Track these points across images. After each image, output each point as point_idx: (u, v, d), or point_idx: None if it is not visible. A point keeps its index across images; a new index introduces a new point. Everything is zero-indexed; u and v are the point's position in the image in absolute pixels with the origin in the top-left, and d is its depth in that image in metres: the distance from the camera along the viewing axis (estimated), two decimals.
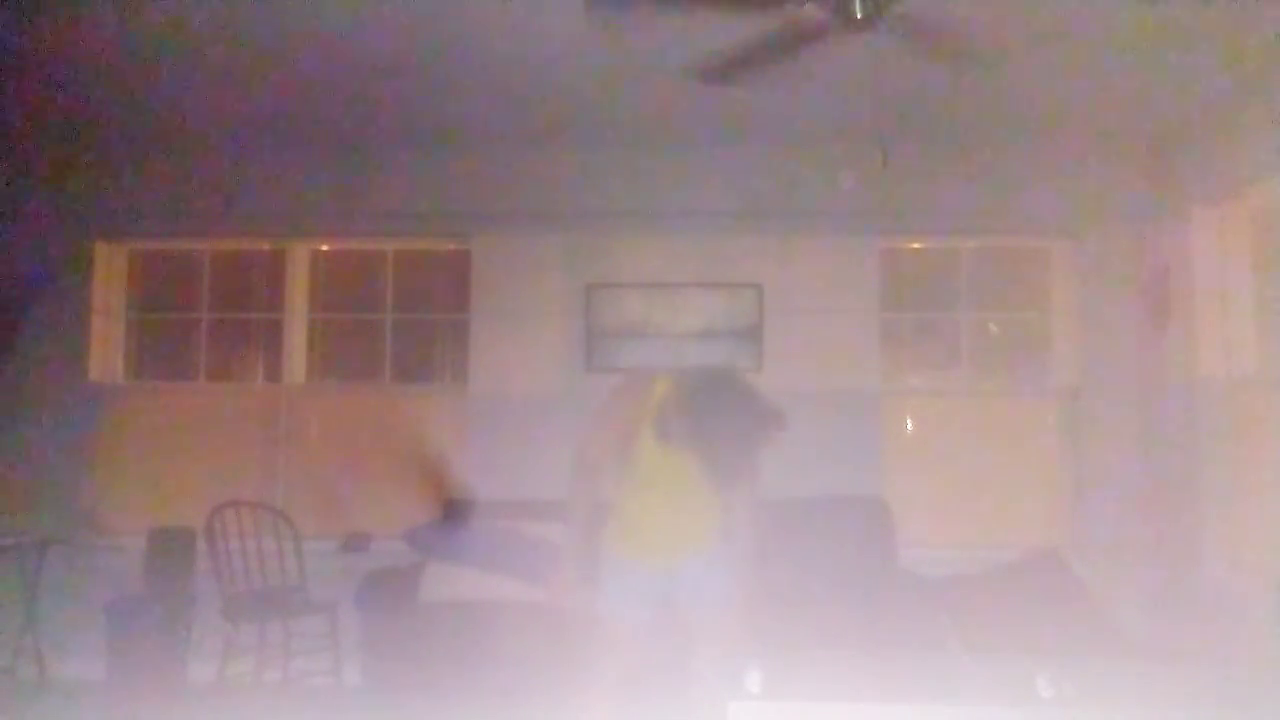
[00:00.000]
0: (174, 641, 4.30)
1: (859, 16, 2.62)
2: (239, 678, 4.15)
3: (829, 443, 4.62)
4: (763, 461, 2.84)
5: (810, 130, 4.53)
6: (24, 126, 4.52)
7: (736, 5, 2.77)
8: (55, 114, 4.38)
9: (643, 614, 2.86)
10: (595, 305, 4.85)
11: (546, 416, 4.71)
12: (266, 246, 5.16)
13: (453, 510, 4.51)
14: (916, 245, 5.09)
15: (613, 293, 4.84)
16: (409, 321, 5.15)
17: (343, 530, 4.81)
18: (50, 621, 4.48)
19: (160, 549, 4.53)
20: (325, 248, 5.19)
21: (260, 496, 4.65)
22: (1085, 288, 4.80)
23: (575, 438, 2.93)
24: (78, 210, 4.89)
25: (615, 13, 3.11)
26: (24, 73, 3.87)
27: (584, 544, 2.90)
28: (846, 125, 4.44)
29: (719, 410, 2.65)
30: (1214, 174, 4.15)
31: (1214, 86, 3.89)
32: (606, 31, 3.39)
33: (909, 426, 4.93)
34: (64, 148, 4.78)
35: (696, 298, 4.83)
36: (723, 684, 2.09)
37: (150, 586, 4.46)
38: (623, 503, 2.94)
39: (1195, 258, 4.25)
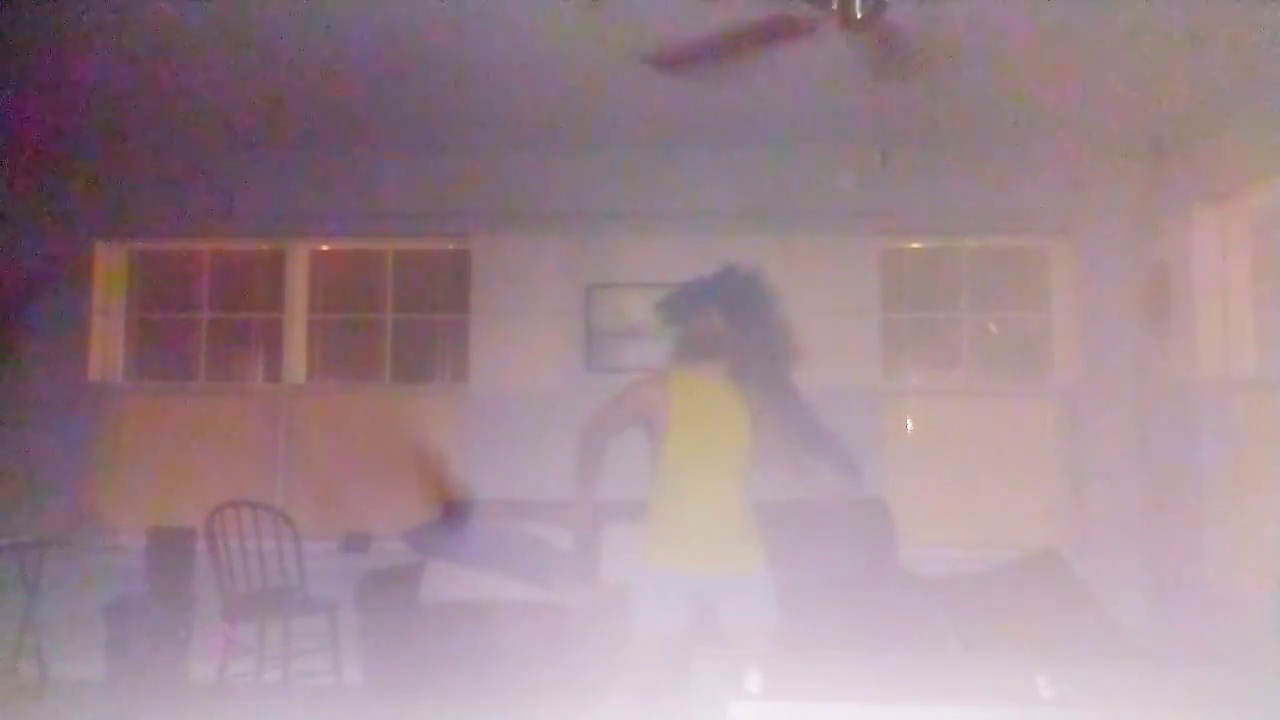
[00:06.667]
0: (174, 641, 4.30)
1: (859, 16, 2.62)
2: (239, 678, 4.15)
3: None
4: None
5: (810, 130, 4.53)
6: (24, 126, 4.52)
7: (768, 38, 2.79)
8: (55, 114, 4.38)
9: (676, 624, 2.85)
10: (595, 305, 4.85)
11: (546, 416, 4.71)
12: (266, 246, 5.16)
13: (453, 510, 4.51)
14: (916, 245, 5.09)
15: (613, 293, 4.84)
16: (409, 321, 5.15)
17: (343, 530, 4.81)
18: (50, 621, 4.48)
19: (160, 549, 4.53)
20: (325, 248, 5.19)
21: (260, 496, 4.64)
22: (1085, 288, 4.80)
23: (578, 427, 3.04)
24: (78, 210, 4.89)
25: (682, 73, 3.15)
26: (24, 73, 3.87)
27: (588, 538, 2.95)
28: (846, 125, 4.44)
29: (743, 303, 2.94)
30: (1214, 174, 4.15)
31: (1214, 86, 3.89)
32: (606, 31, 3.39)
33: (909, 426, 4.93)
34: (64, 148, 4.78)
35: None
36: (722, 684, 2.08)
37: (150, 586, 4.47)
38: (658, 503, 2.94)
39: (1195, 258, 4.25)
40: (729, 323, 2.95)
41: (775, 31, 2.79)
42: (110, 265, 5.12)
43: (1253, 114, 3.86)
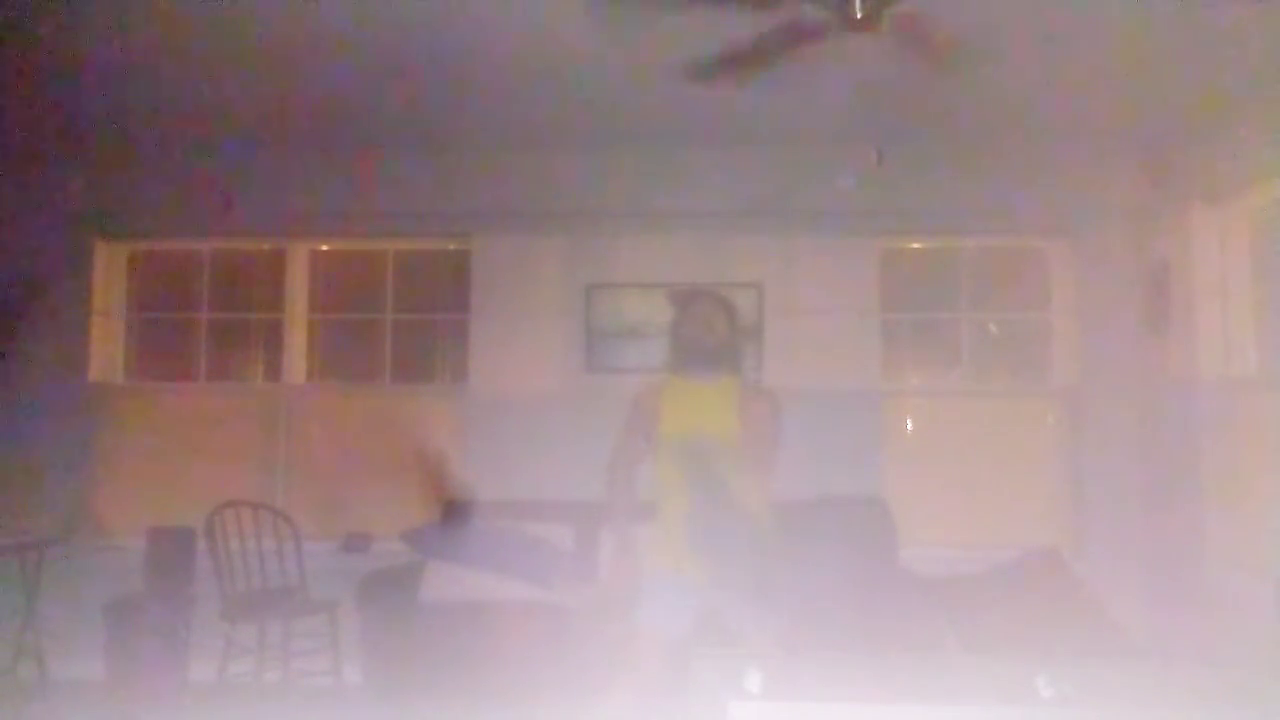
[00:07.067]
0: (174, 641, 4.30)
1: (859, 16, 2.62)
2: (239, 678, 4.15)
3: (829, 443, 4.63)
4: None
5: (810, 130, 4.53)
6: (24, 126, 4.51)
7: (736, 2, 2.78)
8: (55, 114, 4.37)
9: (679, 626, 2.87)
10: (595, 305, 4.85)
11: (546, 416, 4.71)
12: (266, 246, 5.16)
13: (453, 510, 4.51)
14: (916, 245, 5.08)
15: (613, 293, 4.84)
16: (409, 321, 5.15)
17: (343, 530, 4.81)
18: (50, 621, 4.48)
19: (160, 549, 4.52)
20: (325, 248, 5.19)
21: (260, 496, 4.65)
22: (1085, 288, 4.80)
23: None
24: (78, 210, 4.89)
25: (618, 12, 3.11)
26: (24, 73, 3.87)
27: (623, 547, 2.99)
28: (846, 125, 4.44)
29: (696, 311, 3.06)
30: (1214, 174, 4.15)
31: (1213, 87, 3.88)
32: (607, 31, 3.39)
33: (909, 426, 4.93)
34: (64, 148, 4.77)
35: None
36: (722, 684, 2.08)
37: (150, 586, 4.46)
38: (660, 506, 2.96)
39: (1195, 258, 4.25)
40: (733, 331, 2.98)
41: (795, 36, 2.80)
42: (110, 265, 5.12)
43: (1252, 114, 3.86)
